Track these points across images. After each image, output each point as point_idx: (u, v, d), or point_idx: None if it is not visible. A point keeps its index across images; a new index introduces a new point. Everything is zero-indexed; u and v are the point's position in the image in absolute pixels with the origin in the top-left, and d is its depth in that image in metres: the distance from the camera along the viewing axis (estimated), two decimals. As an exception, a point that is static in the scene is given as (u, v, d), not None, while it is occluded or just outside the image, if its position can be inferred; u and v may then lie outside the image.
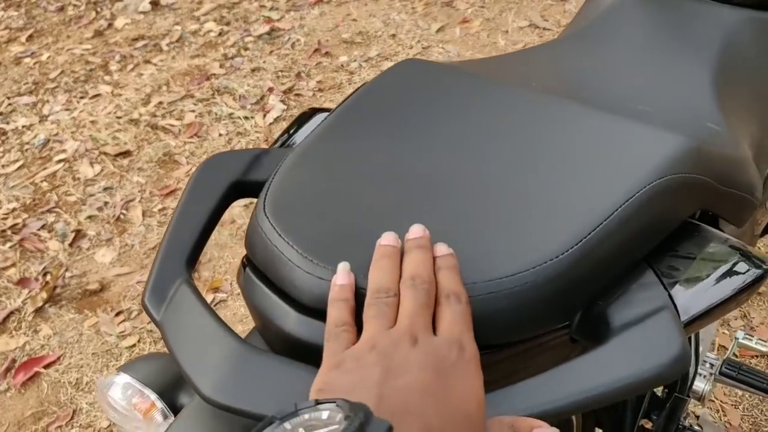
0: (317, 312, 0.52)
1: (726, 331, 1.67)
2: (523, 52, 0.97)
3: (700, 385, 1.03)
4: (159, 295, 0.56)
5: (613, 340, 0.55)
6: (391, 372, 0.43)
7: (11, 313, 1.92)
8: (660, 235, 0.64)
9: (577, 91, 0.79)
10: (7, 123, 2.59)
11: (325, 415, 0.37)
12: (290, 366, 0.50)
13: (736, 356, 1.27)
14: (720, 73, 0.90)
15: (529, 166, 0.64)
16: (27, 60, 2.91)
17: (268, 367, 0.50)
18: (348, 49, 2.79)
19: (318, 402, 0.37)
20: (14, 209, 2.22)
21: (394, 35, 2.83)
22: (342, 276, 0.50)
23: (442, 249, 0.52)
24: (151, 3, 3.17)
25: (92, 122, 2.55)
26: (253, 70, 2.72)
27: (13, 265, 2.07)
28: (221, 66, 2.76)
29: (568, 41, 0.99)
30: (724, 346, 1.61)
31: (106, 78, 2.79)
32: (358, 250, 0.54)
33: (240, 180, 0.69)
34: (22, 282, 2.01)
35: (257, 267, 0.57)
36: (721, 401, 1.53)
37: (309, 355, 0.53)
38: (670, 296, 0.60)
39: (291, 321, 0.53)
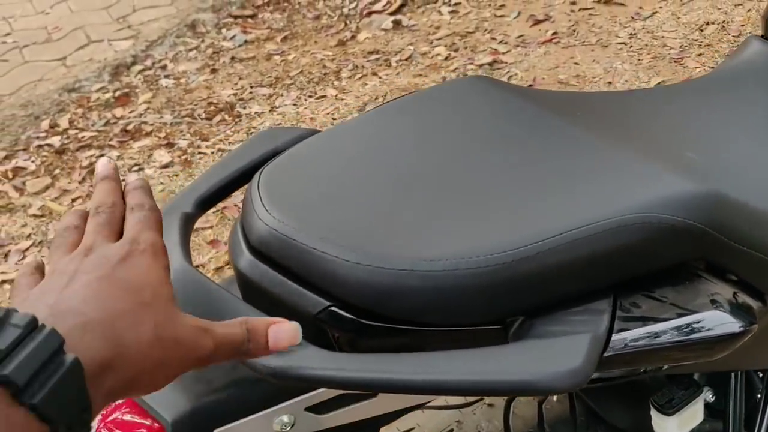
0: (261, 254, 0.61)
1: None
2: (621, 92, 0.97)
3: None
4: (165, 217, 0.68)
5: (517, 342, 0.57)
6: (62, 285, 0.45)
7: (196, 266, 2.21)
8: (629, 269, 0.63)
9: (624, 131, 0.79)
10: (244, 108, 2.96)
11: None
12: (218, 291, 0.59)
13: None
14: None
15: (521, 178, 0.68)
16: (276, 57, 3.30)
17: (200, 288, 0.59)
18: (559, 89, 2.80)
19: None
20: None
21: (610, 83, 2.80)
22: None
23: (132, 177, 0.55)
24: (393, 22, 3.43)
25: (311, 119, 2.83)
26: (462, 95, 2.84)
27: (211, 227, 2.37)
28: (429, 87, 2.92)
29: (678, 89, 0.98)
30: None
31: (335, 83, 3.07)
32: (316, 214, 0.62)
33: (281, 150, 0.79)
34: (213, 243, 2.30)
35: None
36: None
37: (251, 290, 0.62)
38: (610, 328, 0.60)
39: (242, 257, 0.62)
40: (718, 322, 0.63)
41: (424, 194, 0.65)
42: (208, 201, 0.73)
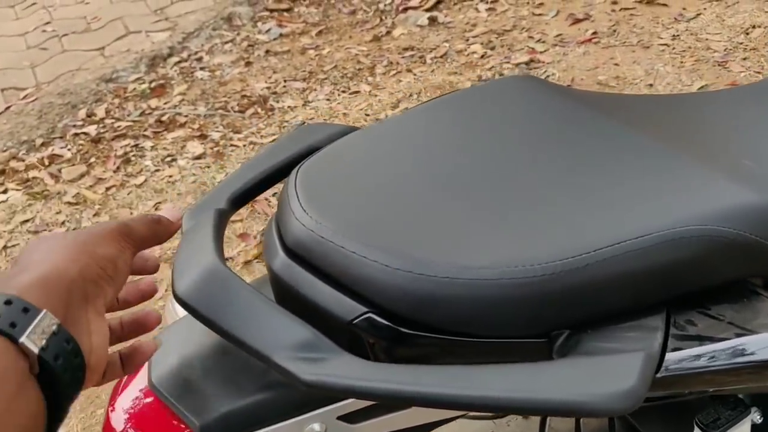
0: (297, 255, 0.59)
1: None
2: (669, 96, 0.93)
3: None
4: (195, 213, 0.66)
5: (564, 359, 0.54)
6: None
7: (226, 259, 2.20)
8: (683, 284, 0.60)
9: (678, 136, 0.76)
10: (277, 101, 2.95)
11: None
12: (251, 293, 0.56)
13: None
14: None
15: (571, 183, 0.65)
16: (311, 52, 3.28)
17: (233, 289, 0.57)
18: (599, 91, 2.74)
19: None
20: (256, 173, 2.54)
21: (651, 85, 2.73)
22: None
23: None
24: (429, 19, 3.39)
25: (344, 114, 2.81)
26: (499, 94, 2.80)
27: (241, 220, 2.36)
28: (472, 86, 2.88)
29: (729, 94, 0.94)
30: None
31: (369, 78, 3.04)
32: (354, 216, 0.60)
33: (316, 147, 0.77)
34: (242, 236, 2.29)
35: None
36: None
37: (285, 292, 0.60)
38: (663, 346, 0.57)
39: (277, 258, 0.60)
40: (773, 344, 0.60)
41: (467, 197, 0.62)
42: (242, 198, 0.70)
